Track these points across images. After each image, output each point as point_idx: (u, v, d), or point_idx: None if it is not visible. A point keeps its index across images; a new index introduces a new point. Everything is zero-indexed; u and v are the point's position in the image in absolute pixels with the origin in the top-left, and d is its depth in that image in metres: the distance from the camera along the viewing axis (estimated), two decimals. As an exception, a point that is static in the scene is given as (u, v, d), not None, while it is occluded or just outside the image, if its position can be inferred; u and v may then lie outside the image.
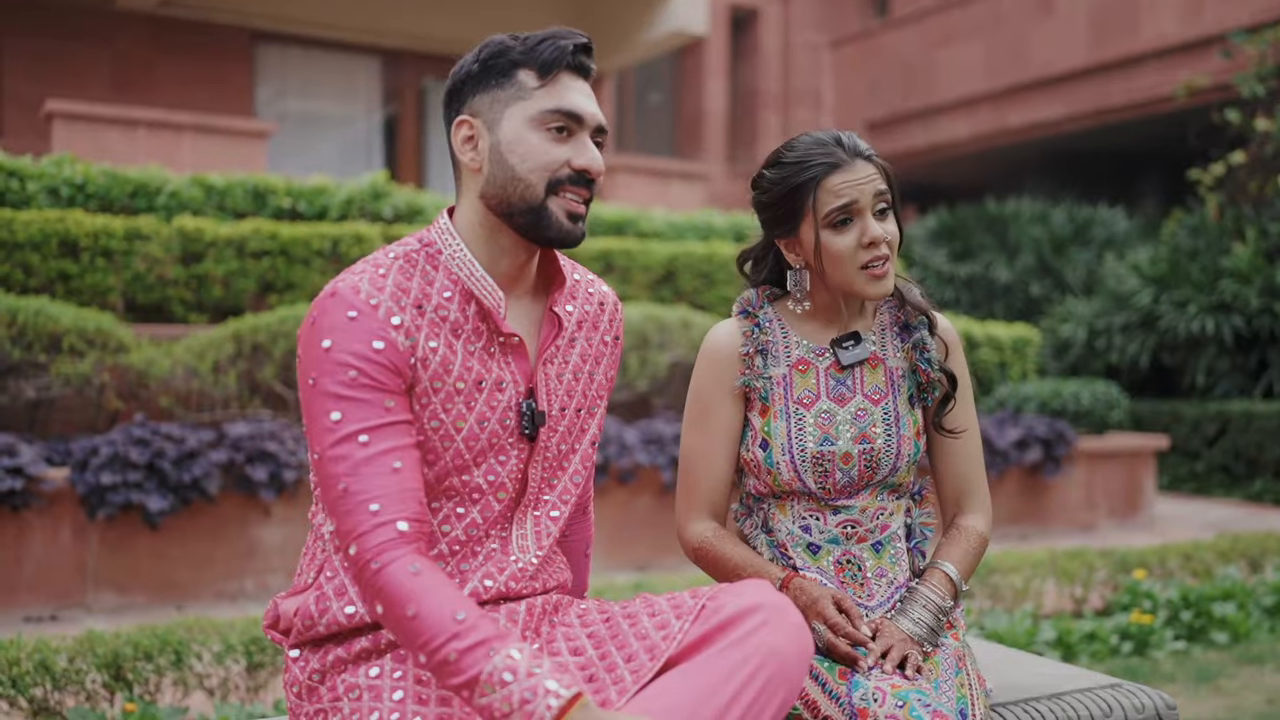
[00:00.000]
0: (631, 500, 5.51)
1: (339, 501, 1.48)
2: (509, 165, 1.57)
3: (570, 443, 1.71)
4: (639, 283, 6.70)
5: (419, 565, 1.44)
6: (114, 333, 4.86)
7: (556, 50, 1.57)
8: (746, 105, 15.32)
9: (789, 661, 1.45)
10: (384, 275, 1.56)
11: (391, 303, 1.54)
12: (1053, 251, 11.56)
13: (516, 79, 1.58)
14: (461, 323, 1.59)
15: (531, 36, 1.60)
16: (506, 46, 1.59)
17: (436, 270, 1.60)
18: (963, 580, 1.85)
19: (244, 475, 4.64)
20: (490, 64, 1.59)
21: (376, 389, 1.50)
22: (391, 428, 1.50)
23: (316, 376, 1.50)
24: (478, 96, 1.60)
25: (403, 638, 1.43)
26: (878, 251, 1.78)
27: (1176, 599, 4.36)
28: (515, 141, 1.57)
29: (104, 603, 4.49)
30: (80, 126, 7.51)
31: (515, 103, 1.58)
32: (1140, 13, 11.26)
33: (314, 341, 1.51)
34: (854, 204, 1.79)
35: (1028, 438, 6.57)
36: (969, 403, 1.93)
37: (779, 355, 1.88)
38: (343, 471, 1.47)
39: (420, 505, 1.50)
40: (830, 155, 1.80)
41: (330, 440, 1.49)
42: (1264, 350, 8.95)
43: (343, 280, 1.56)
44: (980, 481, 1.94)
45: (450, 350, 1.57)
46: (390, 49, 10.69)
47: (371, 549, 1.44)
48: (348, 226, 6.04)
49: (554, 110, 1.57)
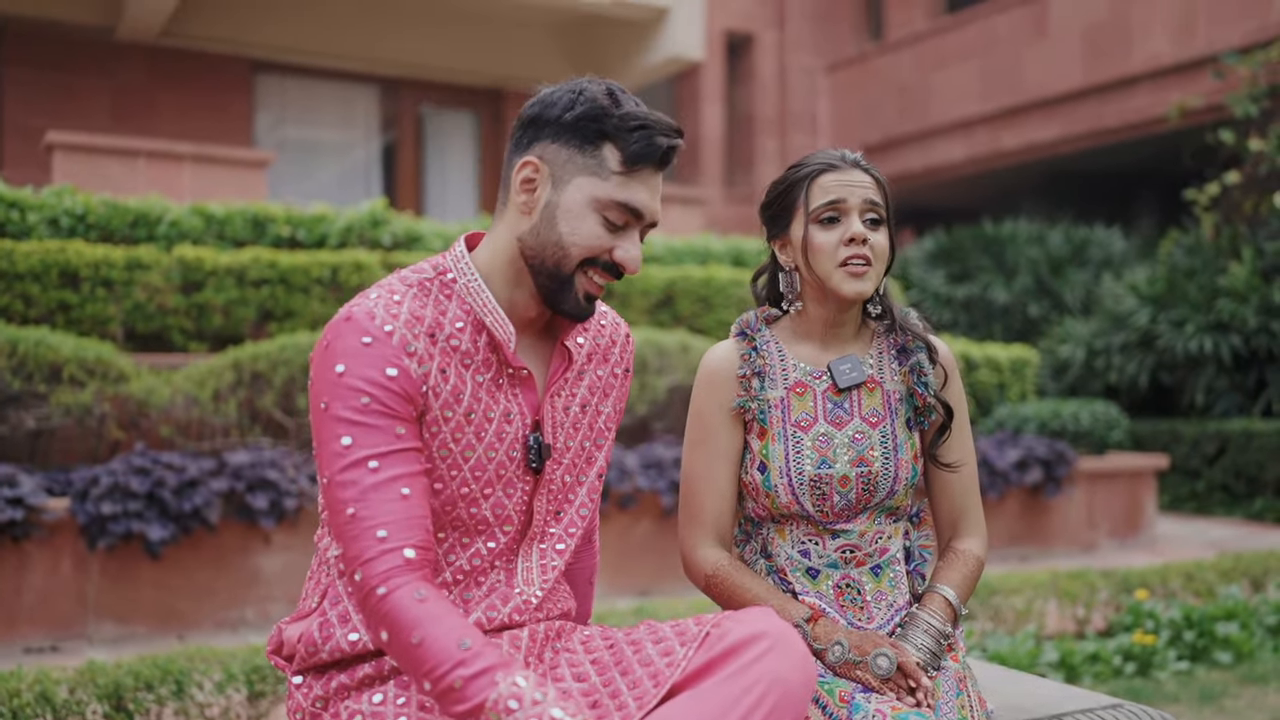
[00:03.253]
0: (633, 525, 5.51)
1: (346, 527, 1.48)
2: (557, 229, 1.57)
3: (576, 475, 1.71)
4: (638, 307, 6.71)
5: (424, 592, 1.44)
6: (114, 362, 4.86)
7: (651, 147, 1.56)
8: (744, 130, 15.39)
9: (793, 689, 1.45)
10: (399, 302, 1.56)
11: (406, 330, 1.54)
12: (1050, 272, 11.59)
13: (601, 153, 1.56)
14: (472, 353, 1.59)
15: (632, 113, 1.56)
16: (604, 112, 1.56)
17: (450, 300, 1.60)
18: (961, 604, 1.85)
19: (244, 504, 4.64)
20: (581, 125, 1.56)
21: (388, 415, 1.50)
22: (401, 454, 1.50)
23: (329, 401, 1.50)
24: (555, 145, 1.57)
25: (407, 665, 1.43)
26: (858, 250, 1.81)
27: (1179, 619, 4.35)
28: (572, 214, 1.56)
29: (105, 633, 4.48)
30: (80, 157, 7.54)
31: (589, 175, 1.56)
32: (1133, 34, 11.33)
33: (327, 365, 1.51)
34: (842, 202, 1.83)
35: (1028, 459, 6.57)
36: (965, 430, 1.94)
37: (776, 378, 1.89)
38: (351, 497, 1.48)
39: (427, 533, 1.50)
40: (828, 159, 1.87)
41: (340, 465, 1.49)
42: (1262, 369, 8.96)
43: (357, 305, 1.55)
44: (976, 505, 1.96)
45: (461, 380, 1.58)
46: (388, 77, 10.75)
47: (377, 575, 1.44)
48: (347, 254, 6.06)
49: (622, 204, 1.56)
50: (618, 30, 10.43)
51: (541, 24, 10.52)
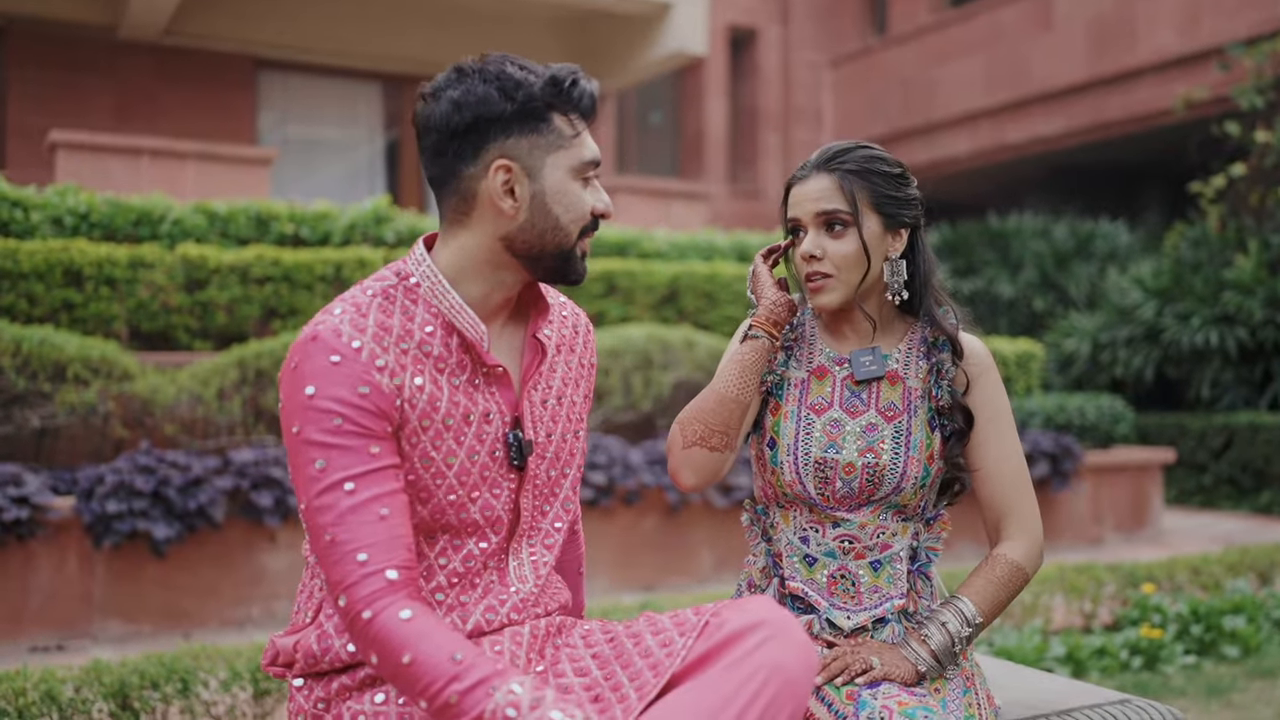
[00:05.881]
0: (637, 521, 5.50)
1: (326, 552, 1.46)
2: (552, 215, 1.56)
3: (560, 468, 1.70)
4: (642, 303, 6.70)
5: (410, 611, 1.43)
6: (118, 361, 4.87)
7: (585, 97, 1.58)
8: (747, 125, 15.37)
9: (794, 677, 1.44)
10: (364, 315, 1.53)
11: (374, 344, 1.51)
12: (1055, 266, 11.56)
13: (554, 126, 1.56)
14: (445, 356, 1.57)
15: (551, 75, 1.56)
16: (529, 84, 1.55)
17: (416, 305, 1.57)
18: (979, 613, 1.79)
19: (249, 502, 4.64)
20: (526, 107, 1.54)
21: (361, 435, 1.48)
22: (377, 474, 1.48)
23: (300, 425, 1.48)
24: (512, 140, 1.55)
25: (401, 686, 1.42)
26: (812, 267, 1.82)
27: (1186, 613, 4.34)
28: (560, 193, 1.57)
29: (110, 632, 4.48)
30: (84, 156, 7.54)
31: (556, 151, 1.56)
32: (1138, 27, 11.29)
33: (297, 388, 1.48)
34: (797, 219, 1.85)
35: (1034, 453, 6.56)
36: (1002, 430, 1.88)
37: (802, 359, 1.90)
38: (329, 522, 1.46)
39: (409, 551, 1.48)
40: (799, 170, 1.88)
41: (315, 489, 1.47)
42: (1269, 361, 8.94)
43: (322, 323, 1.51)
44: (1018, 507, 1.86)
45: (436, 386, 1.55)
46: (391, 74, 10.75)
47: (361, 600, 1.43)
48: (351, 251, 6.06)
49: (590, 161, 1.59)
50: (620, 25, 10.41)
51: (544, 19, 10.51)
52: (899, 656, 1.75)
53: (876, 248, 1.82)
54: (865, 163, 1.83)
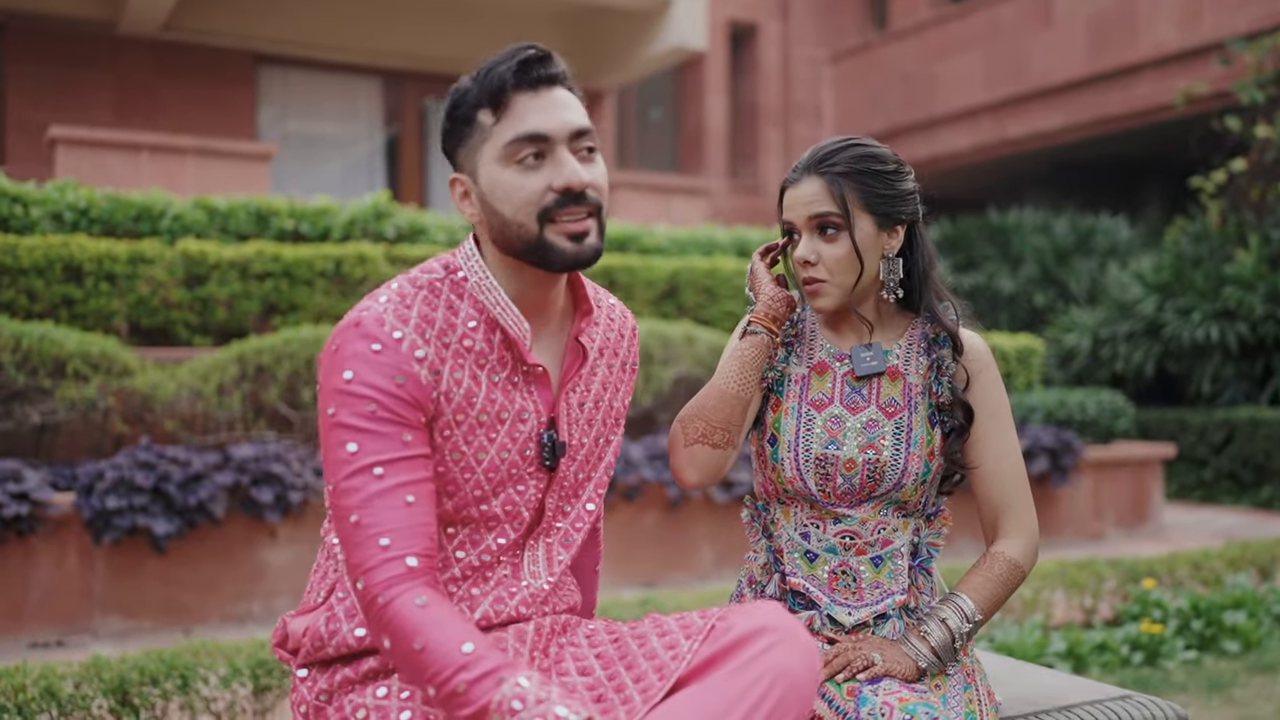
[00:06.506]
0: (638, 517, 5.50)
1: (350, 534, 1.47)
2: (499, 210, 1.55)
3: (588, 471, 1.70)
4: (642, 299, 6.70)
5: (426, 598, 1.43)
6: (118, 357, 4.86)
7: (498, 78, 1.52)
8: (747, 120, 15.35)
9: (800, 682, 1.44)
10: (408, 306, 1.54)
11: (416, 335, 1.52)
12: (1056, 261, 11.56)
13: (477, 121, 1.55)
14: (486, 352, 1.58)
15: (480, 71, 1.55)
16: (464, 90, 1.56)
17: (461, 299, 1.58)
18: (979, 609, 1.79)
19: (249, 497, 4.64)
20: (455, 114, 1.57)
21: (395, 422, 1.49)
22: (408, 461, 1.49)
23: (336, 408, 1.49)
24: (458, 150, 1.58)
25: (411, 672, 1.43)
26: (806, 273, 1.82)
27: (1187, 608, 4.34)
28: (493, 185, 1.54)
29: (110, 627, 4.48)
30: (83, 151, 7.53)
31: (481, 146, 1.55)
32: (1138, 22, 11.27)
33: (335, 371, 1.50)
34: (791, 224, 1.85)
35: (1034, 448, 6.55)
36: (1000, 427, 1.87)
37: (802, 355, 1.90)
38: (355, 504, 1.47)
39: (430, 540, 1.49)
40: (791, 173, 1.87)
41: (345, 472, 1.48)
42: (1269, 356, 8.93)
43: (367, 310, 1.53)
44: (1016, 505, 1.86)
45: (475, 382, 1.56)
46: (391, 69, 10.74)
47: (378, 584, 1.44)
48: (351, 247, 6.05)
49: (512, 141, 1.52)
50: (621, 20, 10.40)
51: (544, 14, 10.49)
52: (900, 653, 1.75)
53: (871, 248, 1.81)
54: (855, 163, 1.81)
